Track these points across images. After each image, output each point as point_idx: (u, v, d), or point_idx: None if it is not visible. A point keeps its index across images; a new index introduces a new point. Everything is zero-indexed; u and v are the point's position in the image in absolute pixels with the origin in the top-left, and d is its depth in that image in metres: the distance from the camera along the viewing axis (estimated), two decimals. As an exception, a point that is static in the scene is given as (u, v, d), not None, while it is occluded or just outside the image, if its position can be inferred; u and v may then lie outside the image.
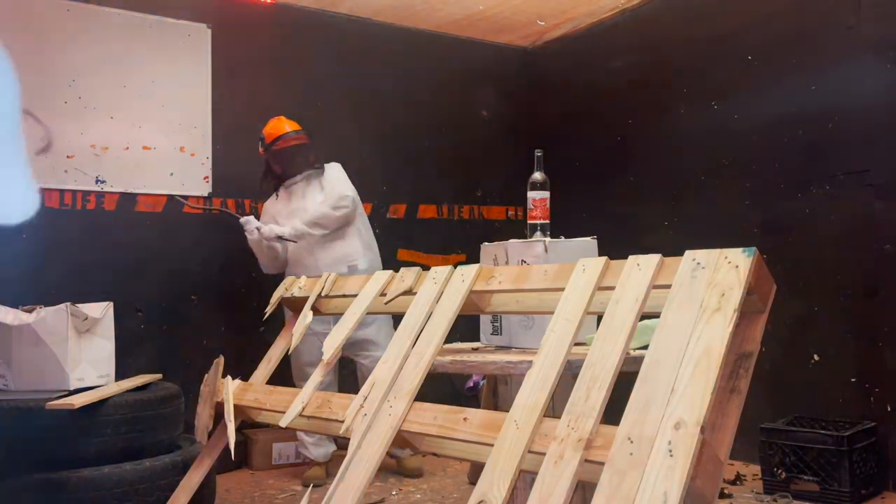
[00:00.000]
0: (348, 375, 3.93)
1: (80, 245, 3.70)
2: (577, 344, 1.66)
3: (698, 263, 1.52)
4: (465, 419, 1.69)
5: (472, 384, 4.28)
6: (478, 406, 4.00)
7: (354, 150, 4.40)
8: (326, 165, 3.86)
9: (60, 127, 3.71)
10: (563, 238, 2.17)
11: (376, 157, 4.51)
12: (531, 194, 2.32)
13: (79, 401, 2.61)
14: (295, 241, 3.71)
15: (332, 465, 3.76)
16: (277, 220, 3.80)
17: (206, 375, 2.66)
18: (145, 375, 3.17)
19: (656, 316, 1.52)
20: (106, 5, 3.85)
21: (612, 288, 1.64)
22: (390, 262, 4.12)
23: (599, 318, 1.61)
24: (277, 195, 3.88)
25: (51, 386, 2.77)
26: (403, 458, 3.76)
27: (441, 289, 2.02)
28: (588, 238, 2.17)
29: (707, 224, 3.99)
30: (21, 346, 2.80)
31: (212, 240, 4.07)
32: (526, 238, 2.27)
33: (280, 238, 3.70)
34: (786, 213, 3.65)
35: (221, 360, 2.69)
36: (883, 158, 3.30)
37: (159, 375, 3.22)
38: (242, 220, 3.76)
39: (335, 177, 3.81)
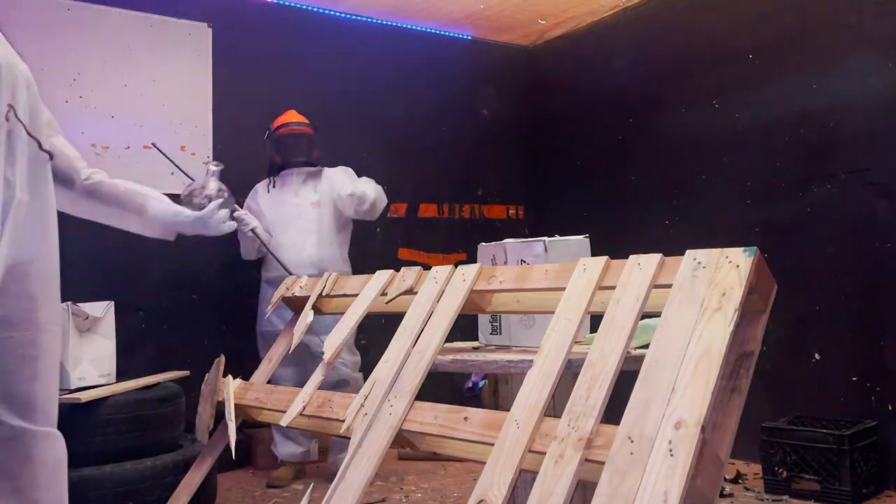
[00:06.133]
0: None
1: (80, 245, 3.68)
2: (577, 343, 1.66)
3: (699, 263, 1.51)
4: (465, 419, 1.68)
5: (470, 384, 4.27)
6: (477, 406, 3.98)
7: (355, 150, 4.39)
8: (329, 169, 3.83)
9: (61, 126, 3.66)
10: (557, 236, 2.17)
11: (377, 157, 4.50)
12: None
13: (85, 395, 2.62)
14: (266, 241, 3.59)
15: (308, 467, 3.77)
16: (263, 212, 3.76)
17: (207, 375, 2.66)
18: (173, 372, 3.21)
19: (657, 315, 1.52)
20: (107, 4, 3.85)
21: (612, 287, 1.63)
22: (391, 261, 4.11)
23: (600, 318, 1.61)
24: (270, 189, 3.85)
25: (52, 385, 2.77)
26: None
27: (442, 288, 2.02)
28: (580, 237, 2.17)
29: (708, 223, 3.99)
30: (23, 346, 2.81)
31: (212, 239, 4.03)
32: (511, 237, 2.27)
33: (253, 231, 3.54)
34: (787, 212, 3.65)
35: (222, 359, 2.68)
36: (884, 157, 3.30)
37: (186, 372, 3.25)
38: (237, 215, 3.43)
39: (352, 175, 3.77)
